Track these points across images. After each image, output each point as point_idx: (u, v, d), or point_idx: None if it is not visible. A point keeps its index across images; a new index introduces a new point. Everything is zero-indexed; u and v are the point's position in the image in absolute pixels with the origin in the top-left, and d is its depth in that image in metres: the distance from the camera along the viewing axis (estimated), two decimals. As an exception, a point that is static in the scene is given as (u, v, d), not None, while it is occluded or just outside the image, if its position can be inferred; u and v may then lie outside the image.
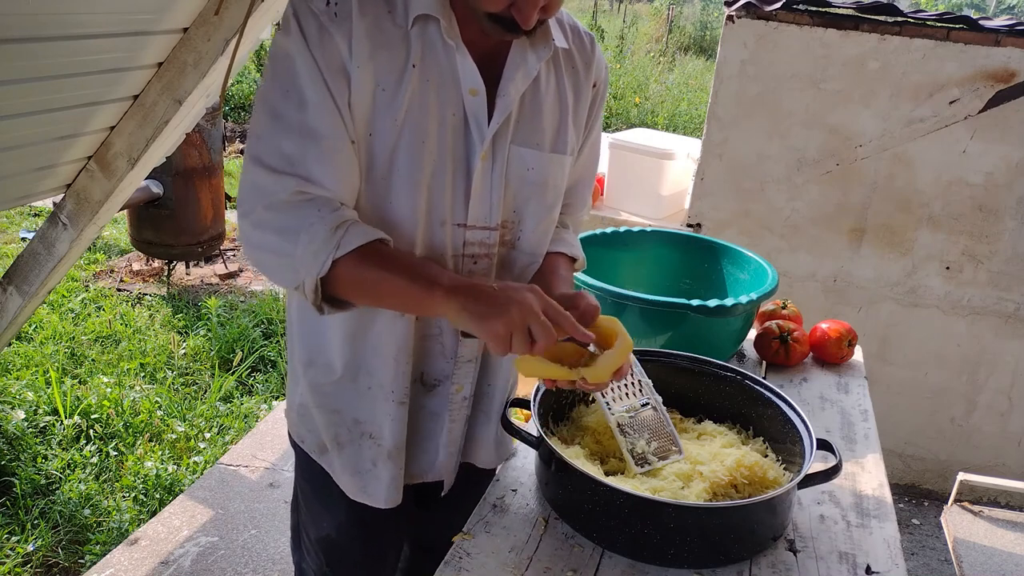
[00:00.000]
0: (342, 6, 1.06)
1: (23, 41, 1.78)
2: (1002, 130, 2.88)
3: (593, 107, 1.31)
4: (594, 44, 1.29)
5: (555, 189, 1.27)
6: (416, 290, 1.05)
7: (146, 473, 2.97)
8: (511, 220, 1.24)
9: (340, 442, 1.31)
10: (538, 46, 1.17)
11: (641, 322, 1.68)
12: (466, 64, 1.12)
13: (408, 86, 1.09)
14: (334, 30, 1.05)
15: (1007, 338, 3.12)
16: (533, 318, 1.00)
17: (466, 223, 1.19)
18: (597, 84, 1.30)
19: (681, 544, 1.13)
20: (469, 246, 1.21)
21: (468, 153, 1.16)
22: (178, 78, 2.31)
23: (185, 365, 3.87)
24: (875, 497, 1.35)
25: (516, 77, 1.15)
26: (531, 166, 1.21)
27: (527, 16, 1.04)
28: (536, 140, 1.21)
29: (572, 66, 1.25)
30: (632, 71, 10.42)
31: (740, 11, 2.99)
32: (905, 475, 3.41)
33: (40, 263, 2.71)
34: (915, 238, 3.09)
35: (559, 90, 1.23)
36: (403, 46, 1.09)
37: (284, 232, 1.06)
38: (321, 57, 1.06)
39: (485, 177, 1.18)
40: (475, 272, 1.23)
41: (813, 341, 1.85)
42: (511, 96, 1.15)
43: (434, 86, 1.11)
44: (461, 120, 1.14)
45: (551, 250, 1.33)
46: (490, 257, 1.23)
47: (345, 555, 1.44)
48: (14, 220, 5.57)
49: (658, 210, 3.36)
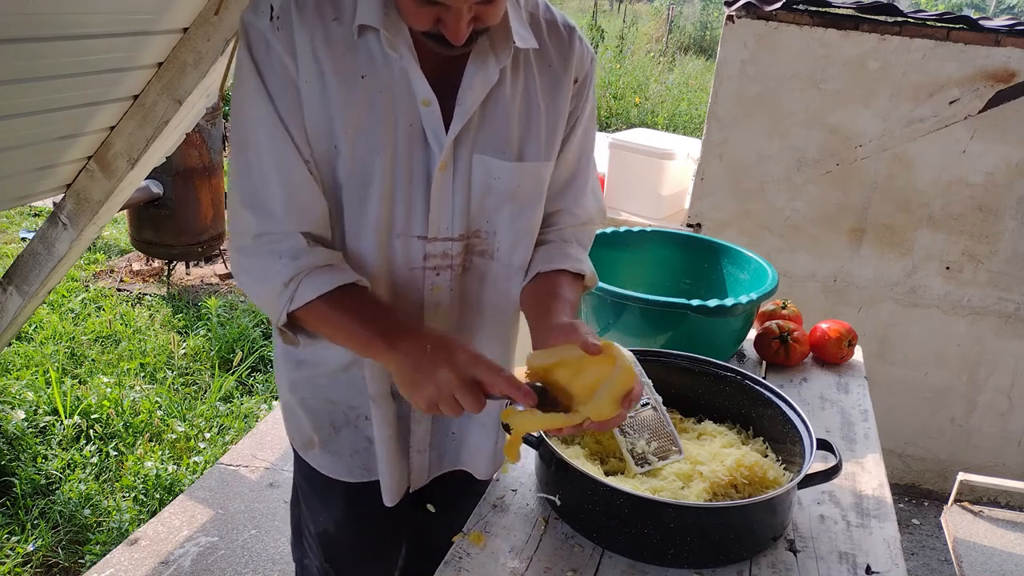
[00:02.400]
0: (284, 19, 1.04)
1: (23, 41, 1.77)
2: (1002, 130, 2.88)
3: (579, 103, 1.24)
4: (574, 37, 1.21)
5: (530, 198, 1.21)
6: (361, 346, 1.09)
7: (146, 473, 2.97)
8: (484, 230, 1.20)
9: (336, 426, 1.32)
10: (498, 49, 1.12)
11: (641, 322, 1.68)
12: (415, 75, 1.08)
13: (357, 97, 1.07)
14: (280, 47, 1.04)
15: (1007, 338, 3.12)
16: (456, 387, 0.98)
17: (427, 235, 1.16)
18: (579, 79, 1.22)
19: (681, 544, 1.13)
20: (431, 258, 1.18)
21: (427, 163, 1.13)
22: (178, 78, 2.31)
23: (185, 365, 3.87)
24: (875, 497, 1.35)
25: (474, 84, 1.11)
26: (496, 175, 1.16)
27: (454, 33, 1.00)
28: (501, 148, 1.15)
29: (547, 64, 1.18)
30: (632, 71, 10.41)
31: (740, 11, 2.99)
32: (905, 475, 3.41)
33: (40, 263, 2.70)
34: (915, 238, 3.09)
35: (527, 94, 1.17)
36: (351, 55, 1.07)
37: (252, 275, 1.12)
38: (270, 78, 1.06)
39: (445, 187, 1.14)
40: (437, 285, 1.20)
41: (813, 341, 1.85)
42: (468, 104, 1.11)
43: (386, 97, 1.08)
44: (418, 130, 1.11)
45: (552, 267, 1.25)
46: (453, 268, 1.20)
47: (344, 551, 1.45)
48: (14, 220, 5.57)
49: (658, 210, 3.36)
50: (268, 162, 1.08)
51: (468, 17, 0.99)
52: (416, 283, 1.19)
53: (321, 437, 1.34)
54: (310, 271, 1.08)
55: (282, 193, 1.08)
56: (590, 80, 1.24)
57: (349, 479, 1.35)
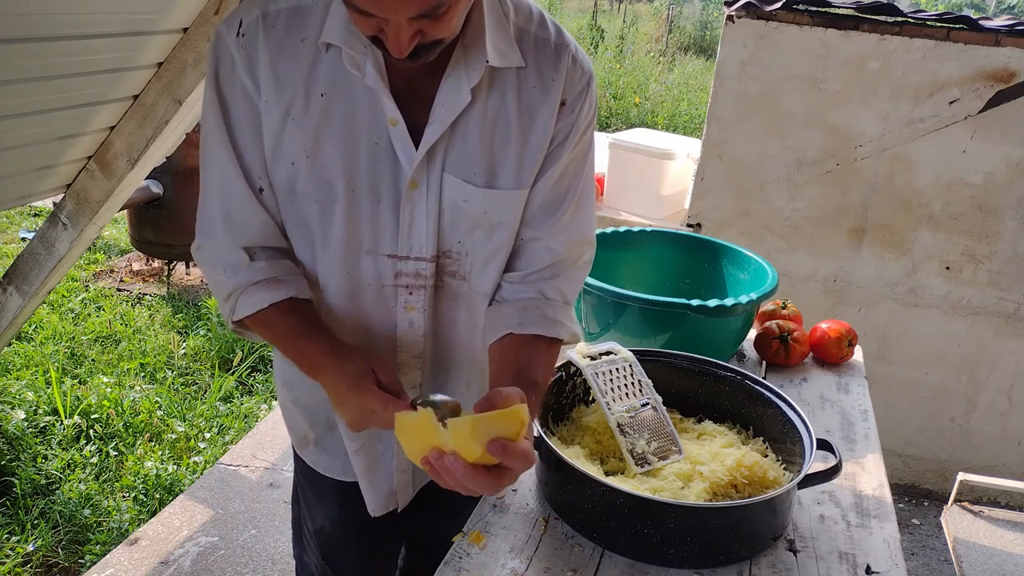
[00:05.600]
0: (249, 36, 1.04)
1: (23, 41, 1.77)
2: (1002, 130, 2.88)
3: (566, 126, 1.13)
4: (563, 56, 1.11)
5: (500, 227, 1.14)
6: (295, 363, 1.13)
7: (146, 473, 2.97)
8: (457, 252, 1.16)
9: (331, 424, 1.32)
10: (471, 67, 1.05)
11: (641, 322, 1.68)
12: (382, 93, 1.04)
13: (316, 115, 1.05)
14: (241, 64, 1.05)
15: (1007, 338, 3.12)
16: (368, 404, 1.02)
17: (397, 254, 1.14)
18: (567, 101, 1.12)
19: (681, 544, 1.13)
20: (403, 276, 1.15)
21: (397, 181, 1.10)
22: (178, 78, 2.31)
23: (185, 365, 3.87)
24: (875, 497, 1.35)
25: (447, 100, 1.05)
26: (465, 198, 1.10)
27: (394, 46, 0.93)
28: (470, 171, 1.09)
29: (530, 86, 1.09)
30: (632, 71, 10.42)
31: (740, 11, 2.99)
32: (905, 475, 3.41)
33: (40, 263, 2.71)
34: (915, 238, 3.09)
35: (502, 117, 1.09)
36: (312, 73, 1.05)
37: (208, 281, 1.19)
38: (226, 92, 1.07)
39: (417, 206, 1.10)
40: (410, 304, 1.17)
41: (813, 341, 1.85)
42: (440, 119, 1.06)
43: (348, 115, 1.06)
44: (385, 148, 1.07)
45: (525, 332, 1.14)
46: (426, 288, 1.16)
47: (340, 549, 1.45)
48: (14, 220, 5.57)
49: (658, 210, 3.36)
50: (212, 177, 1.12)
51: (410, 31, 0.92)
52: (387, 301, 1.17)
53: (316, 435, 1.34)
54: (247, 287, 1.12)
55: (220, 208, 1.12)
56: (584, 102, 1.14)
57: (344, 478, 1.35)
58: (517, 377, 1.08)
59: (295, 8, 1.05)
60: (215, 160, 1.11)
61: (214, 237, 1.14)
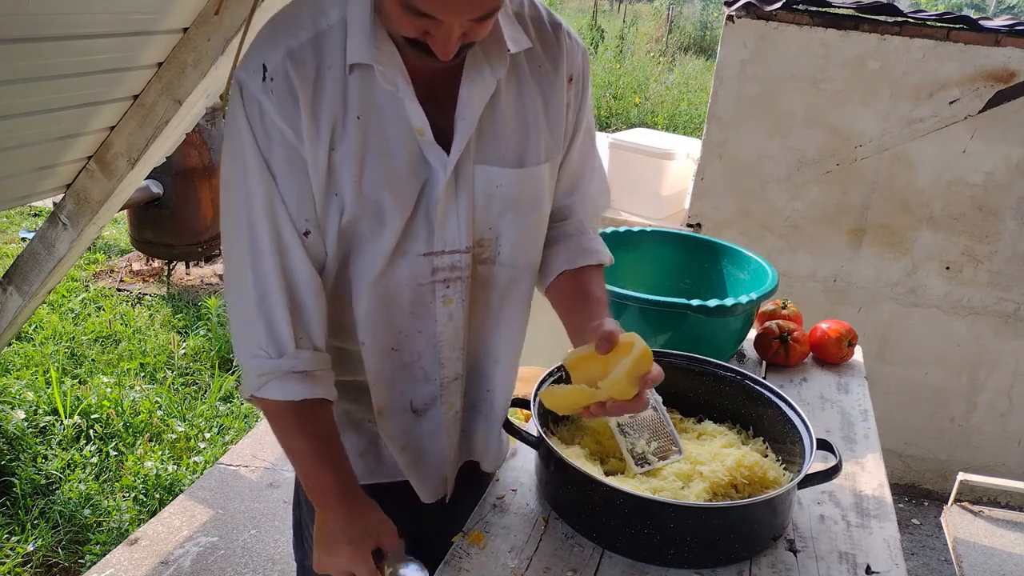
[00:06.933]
0: (279, 81, 1.01)
1: (23, 41, 1.78)
2: (1002, 130, 2.88)
3: (579, 101, 1.21)
4: (560, 33, 1.17)
5: (533, 202, 1.19)
6: (300, 474, 1.14)
7: (146, 473, 2.97)
8: (487, 238, 1.18)
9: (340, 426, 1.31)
10: (493, 58, 1.08)
11: (641, 322, 1.68)
12: (411, 105, 1.05)
13: (355, 140, 1.05)
14: (273, 110, 1.01)
15: (1007, 338, 3.12)
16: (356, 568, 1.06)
17: (433, 251, 1.14)
18: (573, 76, 1.19)
19: (681, 544, 1.13)
20: (439, 271, 1.16)
21: (432, 185, 1.10)
22: (178, 78, 2.31)
23: (185, 365, 3.87)
24: (875, 497, 1.35)
25: (474, 95, 1.08)
26: (499, 183, 1.14)
27: (442, 48, 0.95)
28: (500, 156, 1.13)
29: (538, 65, 1.15)
30: (632, 71, 10.41)
31: (740, 11, 2.99)
32: (905, 475, 3.41)
33: (40, 263, 2.71)
34: (915, 238, 3.09)
35: (521, 99, 1.14)
36: (342, 99, 1.03)
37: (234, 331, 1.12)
38: (264, 144, 1.03)
39: (450, 202, 1.11)
40: (448, 297, 1.18)
41: (813, 341, 1.85)
42: (469, 120, 1.08)
43: (383, 132, 1.06)
44: (416, 156, 1.08)
45: (579, 264, 1.26)
46: (463, 280, 1.18)
47: None
48: (14, 220, 5.57)
49: (658, 210, 3.36)
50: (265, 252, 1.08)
51: (459, 33, 0.94)
52: (425, 299, 1.17)
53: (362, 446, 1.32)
54: (279, 376, 1.08)
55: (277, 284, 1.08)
56: (585, 75, 1.22)
57: None
58: (593, 306, 1.21)
59: (316, 37, 1.03)
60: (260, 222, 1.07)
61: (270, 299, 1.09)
